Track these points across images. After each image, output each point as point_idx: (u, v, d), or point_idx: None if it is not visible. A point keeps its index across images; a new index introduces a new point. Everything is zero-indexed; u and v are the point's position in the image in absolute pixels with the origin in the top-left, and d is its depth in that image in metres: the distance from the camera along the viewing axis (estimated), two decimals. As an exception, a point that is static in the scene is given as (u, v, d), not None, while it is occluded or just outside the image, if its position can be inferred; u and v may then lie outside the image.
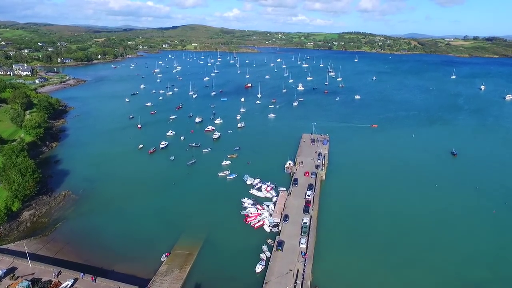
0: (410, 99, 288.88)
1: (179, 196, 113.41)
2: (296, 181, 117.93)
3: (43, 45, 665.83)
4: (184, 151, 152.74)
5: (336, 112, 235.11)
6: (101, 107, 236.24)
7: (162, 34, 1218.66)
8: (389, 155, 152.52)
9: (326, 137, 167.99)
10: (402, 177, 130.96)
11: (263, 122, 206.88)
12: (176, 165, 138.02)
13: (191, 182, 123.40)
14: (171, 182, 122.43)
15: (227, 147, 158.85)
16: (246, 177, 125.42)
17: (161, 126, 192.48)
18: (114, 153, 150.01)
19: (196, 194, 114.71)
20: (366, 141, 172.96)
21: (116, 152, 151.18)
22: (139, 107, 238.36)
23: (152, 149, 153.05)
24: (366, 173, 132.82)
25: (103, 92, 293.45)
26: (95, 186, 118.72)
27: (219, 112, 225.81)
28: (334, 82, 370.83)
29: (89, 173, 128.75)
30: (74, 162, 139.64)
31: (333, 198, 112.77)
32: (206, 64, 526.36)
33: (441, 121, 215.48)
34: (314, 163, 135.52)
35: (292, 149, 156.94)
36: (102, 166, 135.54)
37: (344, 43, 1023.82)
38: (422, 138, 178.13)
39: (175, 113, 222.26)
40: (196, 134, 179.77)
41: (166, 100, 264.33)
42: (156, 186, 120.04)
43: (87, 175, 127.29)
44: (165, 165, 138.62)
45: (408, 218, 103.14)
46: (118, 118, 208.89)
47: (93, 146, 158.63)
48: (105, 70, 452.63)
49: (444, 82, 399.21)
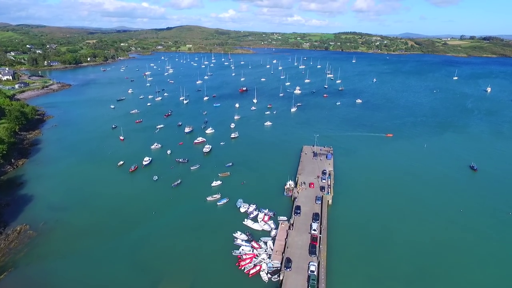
0: (415, 102, 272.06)
1: (160, 229, 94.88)
2: (299, 209, 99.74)
3: (32, 47, 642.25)
4: (169, 169, 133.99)
5: (338, 119, 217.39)
6: (83, 115, 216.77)
7: (156, 35, 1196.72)
8: (401, 171, 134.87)
9: (330, 150, 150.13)
10: (421, 199, 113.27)
11: (259, 131, 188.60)
12: (159, 187, 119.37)
13: (174, 210, 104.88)
14: (152, 211, 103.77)
15: (218, 163, 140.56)
16: (240, 202, 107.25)
17: (146, 137, 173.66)
18: (89, 172, 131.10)
19: (179, 227, 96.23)
20: (374, 153, 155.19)
21: (92, 170, 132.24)
22: (124, 114, 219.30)
23: (134, 167, 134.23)
24: (378, 195, 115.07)
25: (88, 97, 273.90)
26: (60, 217, 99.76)
27: (211, 120, 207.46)
28: (333, 84, 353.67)
29: (56, 199, 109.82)
30: (40, 184, 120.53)
31: (343, 231, 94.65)
32: (200, 66, 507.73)
33: (453, 128, 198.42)
34: (318, 183, 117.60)
35: (292, 164, 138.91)
36: (72, 190, 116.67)
37: (341, 43, 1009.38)
38: (435, 149, 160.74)
39: (163, 121, 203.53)
40: (185, 147, 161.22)
41: (154, 106, 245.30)
42: (133, 216, 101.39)
43: (53, 202, 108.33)
44: (146, 187, 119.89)
45: (436, 253, 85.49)
46: (100, 128, 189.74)
47: (67, 163, 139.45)
48: (94, 73, 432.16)
49: (447, 83, 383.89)
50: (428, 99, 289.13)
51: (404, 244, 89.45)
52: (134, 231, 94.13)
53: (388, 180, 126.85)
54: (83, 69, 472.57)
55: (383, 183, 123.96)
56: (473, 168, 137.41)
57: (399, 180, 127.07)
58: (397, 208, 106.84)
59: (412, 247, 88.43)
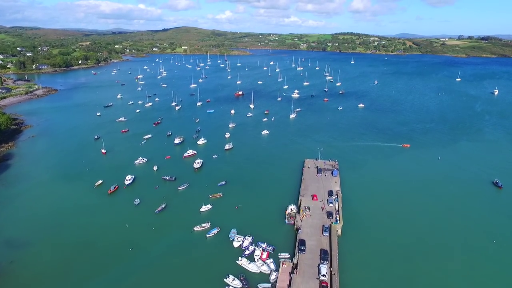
0: (422, 106, 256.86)
1: (135, 272, 78.48)
2: (303, 244, 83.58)
3: (22, 50, 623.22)
4: (154, 190, 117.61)
5: (341, 126, 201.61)
6: (65, 124, 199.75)
7: (152, 37, 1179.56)
8: (418, 190, 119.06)
9: (335, 164, 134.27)
10: (446, 227, 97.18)
11: (256, 141, 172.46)
12: (140, 214, 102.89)
13: (155, 245, 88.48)
14: (129, 246, 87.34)
15: (210, 180, 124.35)
16: (233, 234, 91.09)
17: (131, 149, 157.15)
18: (61, 194, 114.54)
19: (159, 268, 79.89)
20: (384, 167, 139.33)
21: (64, 193, 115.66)
22: (110, 122, 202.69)
23: (114, 187, 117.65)
24: (395, 222, 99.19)
25: (74, 103, 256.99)
26: (19, 256, 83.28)
27: (204, 129, 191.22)
28: (333, 87, 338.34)
29: (17, 233, 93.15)
30: (0, 211, 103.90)
31: (358, 273, 78.77)
32: (195, 69, 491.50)
33: (466, 135, 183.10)
34: (325, 207, 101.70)
35: (293, 182, 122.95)
36: (38, 218, 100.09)
37: (338, 44, 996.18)
38: (451, 162, 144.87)
39: (151, 130, 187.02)
40: (173, 161, 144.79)
41: (143, 113, 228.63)
42: (107, 253, 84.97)
43: (12, 236, 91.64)
44: (125, 213, 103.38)
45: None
46: (81, 139, 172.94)
47: (37, 183, 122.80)
48: (84, 76, 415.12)
49: (451, 85, 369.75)
50: (434, 102, 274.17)
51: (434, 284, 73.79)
52: (106, 273, 77.71)
53: (403, 201, 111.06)
54: (73, 73, 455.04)
55: (398, 205, 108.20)
56: (497, 185, 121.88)
57: (416, 201, 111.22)
58: (419, 240, 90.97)
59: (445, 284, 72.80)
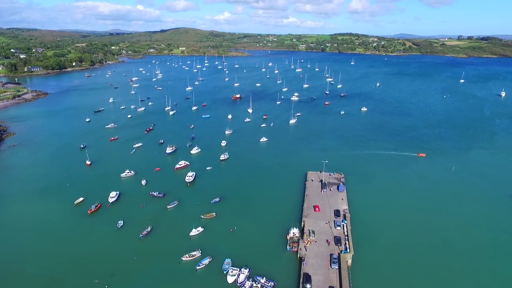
0: (428, 110, 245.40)
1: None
2: (309, 280, 71.68)
3: (16, 51, 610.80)
4: (140, 209, 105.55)
5: (345, 132, 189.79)
6: (51, 132, 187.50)
7: (150, 38, 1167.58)
8: (433, 207, 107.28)
9: (341, 177, 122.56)
10: (470, 250, 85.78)
11: (254, 150, 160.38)
12: (123, 239, 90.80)
13: (137, 278, 76.50)
14: (105, 283, 75.32)
15: (202, 197, 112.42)
16: (227, 266, 79.07)
17: (118, 160, 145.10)
18: (34, 215, 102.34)
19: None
20: (395, 180, 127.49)
21: (38, 213, 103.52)
22: (99, 129, 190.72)
23: (95, 206, 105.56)
24: (410, 246, 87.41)
25: (63, 108, 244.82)
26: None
27: (198, 136, 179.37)
28: (334, 89, 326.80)
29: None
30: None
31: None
32: (192, 70, 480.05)
33: (478, 142, 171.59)
34: (332, 232, 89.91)
35: (295, 199, 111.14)
36: (4, 246, 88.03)
37: (337, 44, 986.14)
38: (465, 173, 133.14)
39: (142, 138, 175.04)
40: (164, 173, 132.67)
41: (135, 119, 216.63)
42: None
43: (-28, 266, 79.75)
44: (106, 239, 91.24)
45: None
46: (66, 148, 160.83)
47: (8, 201, 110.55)
48: (78, 79, 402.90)
49: (456, 86, 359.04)
50: (440, 105, 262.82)
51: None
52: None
53: (419, 222, 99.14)
54: (67, 75, 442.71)
55: (413, 227, 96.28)
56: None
57: (433, 221, 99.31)
58: (442, 268, 79.26)
59: None
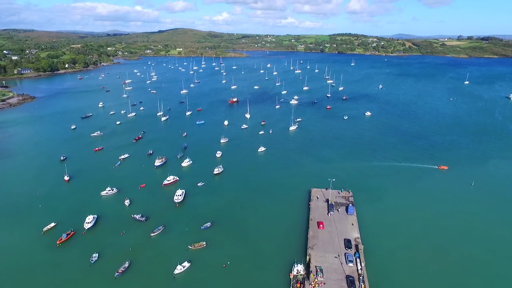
0: (436, 114, 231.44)
1: None
2: None
3: (9, 52, 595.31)
4: (119, 237, 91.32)
5: (350, 140, 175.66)
6: (31, 140, 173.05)
7: (147, 39, 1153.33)
8: (458, 234, 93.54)
9: (349, 196, 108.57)
10: None
11: (251, 162, 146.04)
12: (95, 278, 76.44)
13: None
14: None
15: (192, 221, 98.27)
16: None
17: (101, 175, 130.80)
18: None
19: None
20: (411, 198, 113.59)
21: (1, 242, 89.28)
22: (84, 138, 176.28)
23: (67, 234, 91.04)
24: (439, 285, 73.64)
25: (49, 113, 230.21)
26: None
27: (191, 145, 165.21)
28: (336, 92, 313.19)
29: None
30: None
31: None
32: (188, 72, 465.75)
33: (496, 151, 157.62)
34: (343, 270, 75.90)
35: (298, 224, 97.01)
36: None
37: (337, 45, 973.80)
38: (486, 189, 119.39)
39: (130, 148, 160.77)
40: (150, 191, 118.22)
41: (124, 125, 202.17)
42: None
43: None
44: (75, 278, 76.81)
45: None
46: (45, 160, 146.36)
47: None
48: (69, 81, 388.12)
49: (461, 88, 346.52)
50: (448, 109, 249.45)
51: None
52: None
53: (444, 252, 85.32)
54: (59, 77, 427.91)
55: (439, 259, 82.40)
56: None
57: (459, 251, 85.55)
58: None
59: None
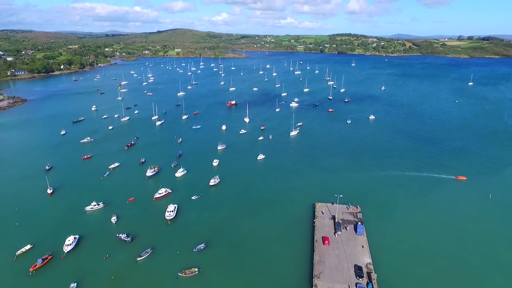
0: (442, 118, 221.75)
1: None
2: None
3: (4, 54, 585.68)
4: (102, 262, 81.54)
5: (353, 146, 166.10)
6: (16, 147, 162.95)
7: (146, 39, 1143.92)
8: (478, 255, 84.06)
9: (357, 212, 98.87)
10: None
11: (250, 171, 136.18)
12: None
13: None
14: None
15: (184, 242, 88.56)
16: None
17: (87, 187, 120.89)
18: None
19: None
20: (422, 212, 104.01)
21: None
22: (73, 144, 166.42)
23: (42, 259, 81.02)
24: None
25: (39, 117, 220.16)
26: None
27: (186, 152, 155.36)
28: (337, 94, 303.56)
29: None
30: None
31: None
32: (186, 73, 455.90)
33: (511, 158, 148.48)
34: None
35: (301, 245, 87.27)
36: None
37: (336, 45, 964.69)
38: (506, 204, 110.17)
39: (121, 155, 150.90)
40: (140, 205, 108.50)
41: (117, 130, 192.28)
42: None
43: None
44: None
45: None
46: (29, 169, 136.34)
47: None
48: (64, 83, 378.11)
49: (466, 89, 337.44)
50: (455, 111, 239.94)
51: None
52: None
53: (469, 276, 75.89)
54: (54, 79, 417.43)
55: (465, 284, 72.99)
56: None
57: (486, 276, 76.12)
58: None
59: None
